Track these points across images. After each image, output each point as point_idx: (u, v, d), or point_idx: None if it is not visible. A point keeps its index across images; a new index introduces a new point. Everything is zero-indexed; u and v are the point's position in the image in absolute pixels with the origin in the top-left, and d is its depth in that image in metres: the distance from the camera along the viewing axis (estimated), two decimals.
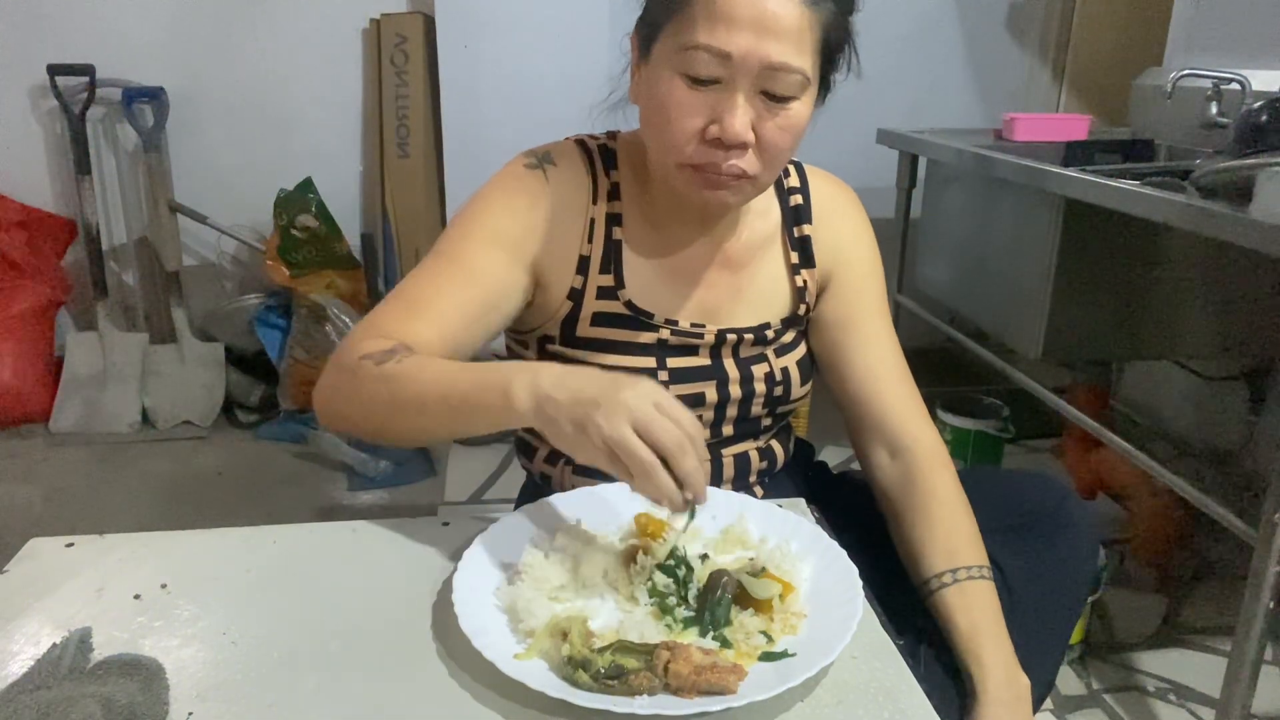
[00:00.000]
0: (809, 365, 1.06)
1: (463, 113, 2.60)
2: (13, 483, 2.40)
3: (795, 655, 0.71)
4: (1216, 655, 1.76)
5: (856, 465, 1.09)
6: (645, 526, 0.84)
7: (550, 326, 0.98)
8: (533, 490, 1.08)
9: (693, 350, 0.99)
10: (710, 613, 0.74)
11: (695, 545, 0.85)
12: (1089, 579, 1.05)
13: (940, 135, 2.09)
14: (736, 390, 1.00)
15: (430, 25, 2.64)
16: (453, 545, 0.86)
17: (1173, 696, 1.67)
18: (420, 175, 2.74)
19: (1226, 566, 2.02)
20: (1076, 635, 1.72)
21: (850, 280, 1.05)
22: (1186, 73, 1.85)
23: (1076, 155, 1.89)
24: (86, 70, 2.60)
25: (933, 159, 2.10)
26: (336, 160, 2.82)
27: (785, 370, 1.02)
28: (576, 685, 0.66)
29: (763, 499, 0.93)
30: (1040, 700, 0.98)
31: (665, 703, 0.65)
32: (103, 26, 2.63)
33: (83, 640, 0.72)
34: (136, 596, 0.79)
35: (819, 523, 0.91)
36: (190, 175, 2.78)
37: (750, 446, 1.05)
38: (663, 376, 0.97)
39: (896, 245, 2.25)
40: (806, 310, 1.04)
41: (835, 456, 2.18)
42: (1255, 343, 1.72)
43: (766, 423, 1.05)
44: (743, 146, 0.85)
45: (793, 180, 1.05)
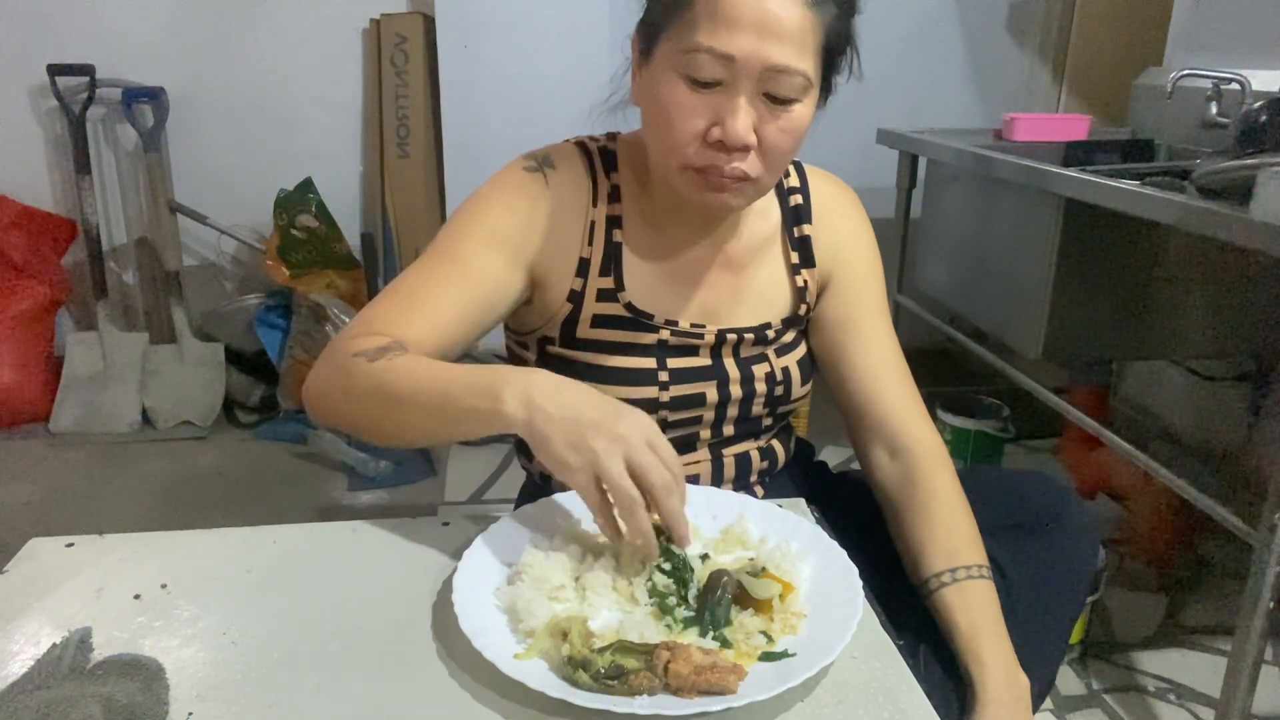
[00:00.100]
0: (809, 365, 1.06)
1: (463, 113, 2.61)
2: (13, 483, 2.40)
3: (795, 655, 0.71)
4: (1216, 655, 1.76)
5: (856, 465, 1.09)
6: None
7: (550, 328, 0.98)
8: (533, 490, 1.08)
9: (693, 351, 0.99)
10: (710, 613, 0.74)
11: (695, 545, 0.84)
12: (1089, 579, 1.05)
13: (940, 135, 2.09)
14: (737, 390, 1.00)
15: (430, 25, 2.64)
16: (453, 545, 0.86)
17: (1173, 696, 1.67)
18: (420, 175, 2.74)
19: (1226, 566, 2.02)
20: (1076, 635, 1.72)
21: (850, 280, 1.05)
22: (1186, 73, 1.85)
23: (1076, 155, 1.89)
24: (86, 70, 2.60)
25: (933, 159, 2.10)
26: (336, 160, 2.82)
27: (786, 370, 1.02)
28: (576, 685, 0.66)
29: (763, 499, 0.93)
30: (1040, 700, 0.98)
31: (665, 703, 0.65)
32: (103, 26, 2.63)
33: (83, 640, 0.72)
34: (136, 596, 0.79)
35: (819, 523, 0.91)
36: (190, 175, 2.78)
37: (751, 446, 1.05)
38: (663, 377, 0.97)
39: (896, 245, 2.25)
40: (807, 310, 1.04)
41: (835, 456, 2.19)
42: (1255, 343, 1.72)
43: (767, 423, 1.05)
44: (745, 149, 0.85)
45: (793, 180, 1.05)
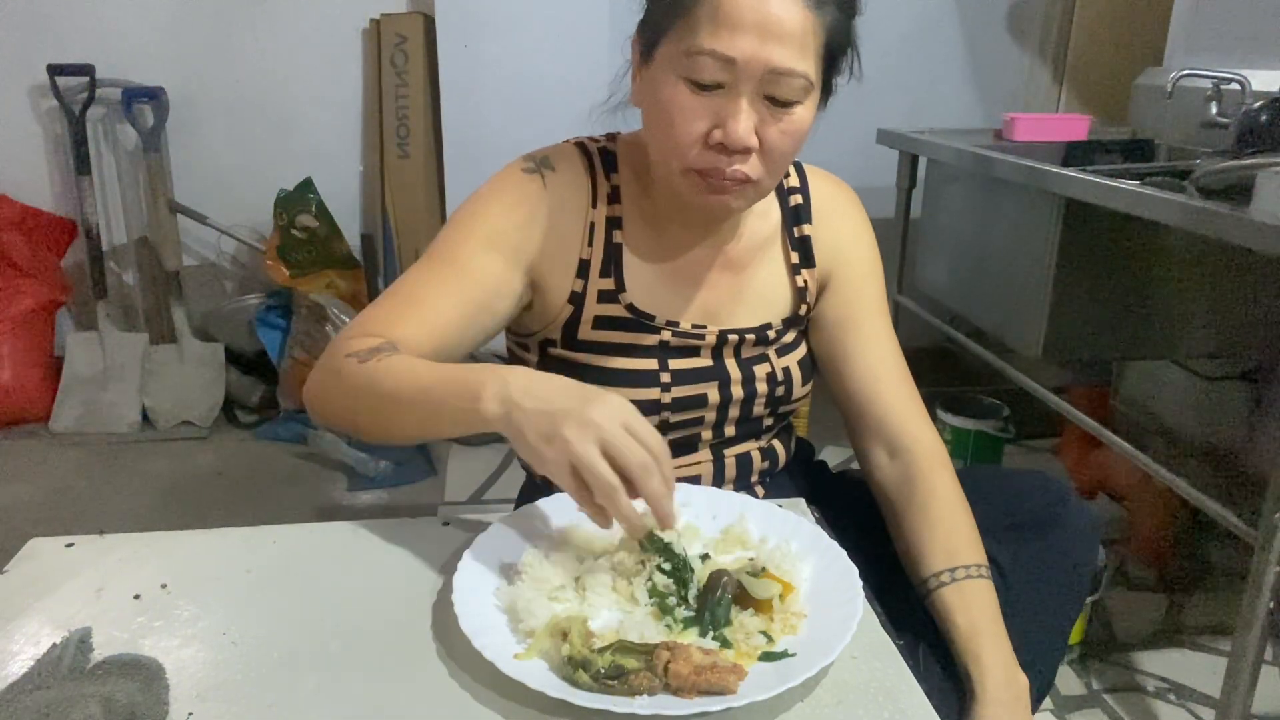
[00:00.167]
0: (810, 365, 1.06)
1: (463, 113, 2.60)
2: (13, 483, 2.40)
3: (795, 655, 0.71)
4: (1216, 655, 1.76)
5: (856, 465, 1.09)
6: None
7: (551, 330, 0.98)
8: (533, 490, 1.08)
9: (694, 351, 0.99)
10: (710, 613, 0.74)
11: (695, 545, 0.84)
12: (1089, 579, 1.05)
13: (940, 135, 2.09)
14: (738, 390, 1.00)
15: (430, 25, 2.64)
16: (453, 545, 0.86)
17: (1173, 696, 1.67)
18: (420, 175, 2.74)
19: (1226, 566, 2.02)
20: (1076, 635, 1.72)
21: (850, 280, 1.05)
22: (1186, 73, 1.85)
23: (1076, 155, 1.89)
24: (86, 70, 2.60)
25: (933, 159, 2.10)
26: (336, 160, 2.82)
27: (787, 370, 1.02)
28: (576, 685, 0.66)
29: (763, 499, 0.93)
30: (1039, 700, 0.98)
31: (665, 703, 0.65)
32: (103, 26, 2.63)
33: (83, 640, 0.72)
34: (136, 596, 0.79)
35: (819, 523, 0.91)
36: (190, 175, 2.78)
37: (752, 446, 1.05)
38: (665, 378, 0.97)
39: (896, 245, 2.25)
40: (807, 310, 1.04)
41: (835, 456, 2.19)
42: (1255, 343, 1.72)
43: (768, 423, 1.05)
44: (746, 151, 0.85)
45: (792, 180, 1.05)
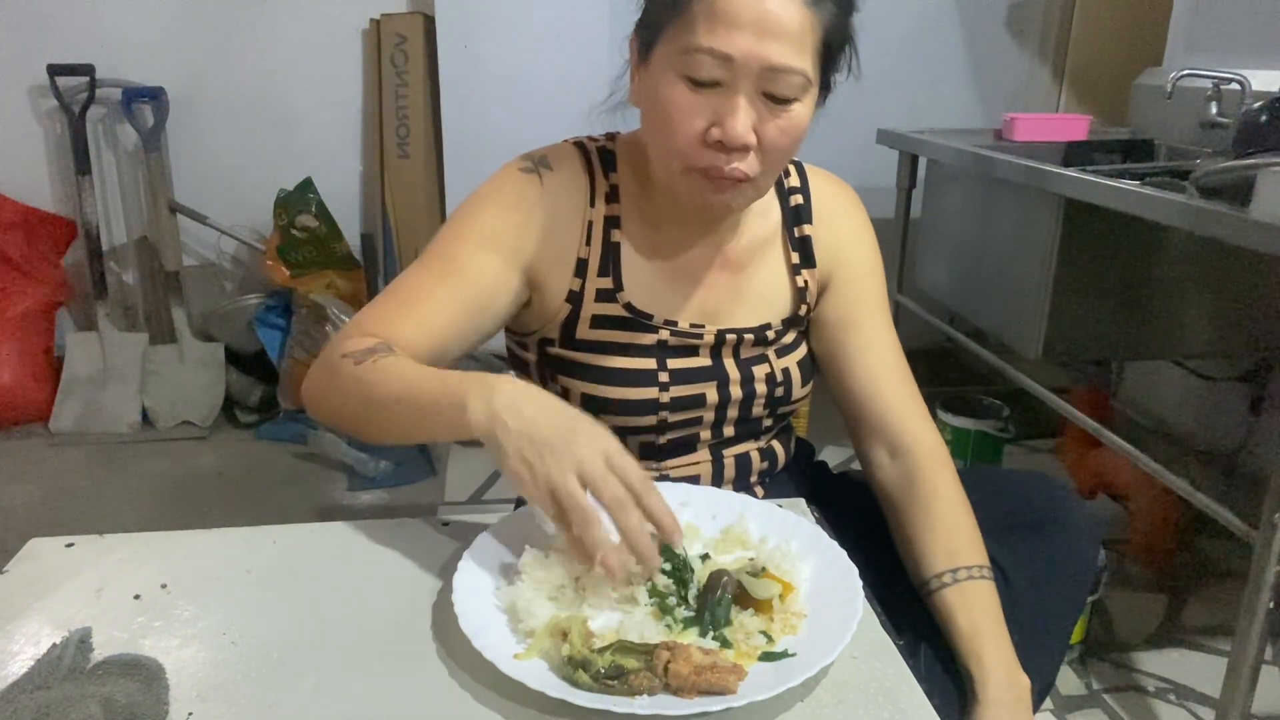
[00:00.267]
0: (810, 366, 1.06)
1: (463, 113, 2.60)
2: (13, 483, 2.40)
3: (795, 655, 0.71)
4: (1216, 655, 1.76)
5: (856, 465, 1.09)
6: None
7: (550, 329, 0.98)
8: None
9: (693, 351, 0.99)
10: (710, 613, 0.74)
11: (695, 545, 0.84)
12: (1089, 579, 1.05)
13: (940, 135, 2.09)
14: (737, 391, 1.00)
15: (430, 25, 2.64)
16: (453, 545, 0.86)
17: (1173, 696, 1.67)
18: (420, 175, 2.74)
19: (1226, 566, 2.02)
20: (1076, 635, 1.72)
21: (851, 280, 1.04)
22: (1186, 73, 1.85)
23: (1076, 155, 1.89)
24: (86, 70, 2.60)
25: (933, 159, 2.10)
26: (336, 160, 2.82)
27: (786, 371, 1.02)
28: (576, 685, 0.66)
29: (763, 499, 0.93)
30: (1040, 700, 0.98)
31: (665, 703, 0.65)
32: (103, 26, 2.63)
33: (83, 640, 0.72)
34: (136, 596, 0.79)
35: (819, 523, 0.91)
36: (190, 175, 2.78)
37: (751, 447, 1.05)
38: (663, 378, 0.97)
39: (896, 245, 2.25)
40: (807, 310, 1.04)
41: (835, 456, 2.19)
42: (1255, 343, 1.72)
43: (768, 423, 1.05)
44: (744, 149, 0.85)
45: (793, 180, 1.05)
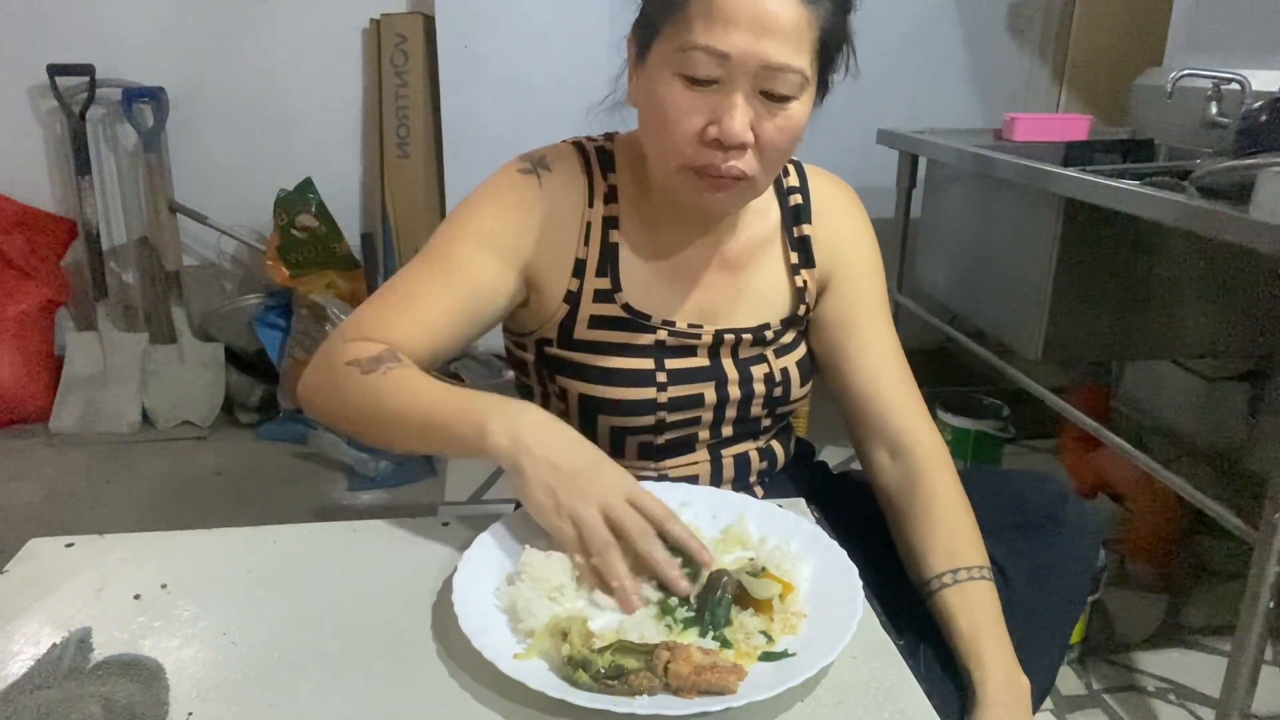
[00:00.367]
0: (809, 366, 1.06)
1: (463, 113, 2.60)
2: (13, 483, 2.40)
3: (795, 655, 0.71)
4: (1216, 655, 1.76)
5: (857, 465, 1.09)
6: None
7: (548, 330, 0.98)
8: None
9: (691, 351, 0.99)
10: (710, 613, 0.74)
11: None
12: (1089, 579, 1.05)
13: (940, 135, 2.09)
14: (735, 391, 1.00)
15: (430, 25, 2.64)
16: (453, 545, 0.86)
17: (1173, 696, 1.67)
18: (420, 175, 2.74)
19: (1226, 566, 2.02)
20: (1076, 635, 1.72)
21: (850, 280, 1.04)
22: (1186, 73, 1.85)
23: (1076, 155, 1.89)
24: (86, 70, 2.60)
25: (933, 159, 2.10)
26: (336, 160, 2.82)
27: (785, 371, 1.02)
28: (576, 685, 0.66)
29: (763, 499, 0.93)
30: (1040, 701, 0.97)
31: (665, 703, 0.65)
32: (103, 26, 2.63)
33: (83, 640, 0.72)
34: (136, 596, 0.79)
35: (819, 523, 0.91)
36: (190, 175, 2.78)
37: (750, 447, 1.05)
38: (661, 378, 0.97)
39: (896, 245, 2.25)
40: (806, 310, 1.04)
41: (835, 456, 2.19)
42: (1255, 343, 1.72)
43: (766, 423, 1.05)
44: (742, 147, 0.85)
45: (792, 180, 1.05)
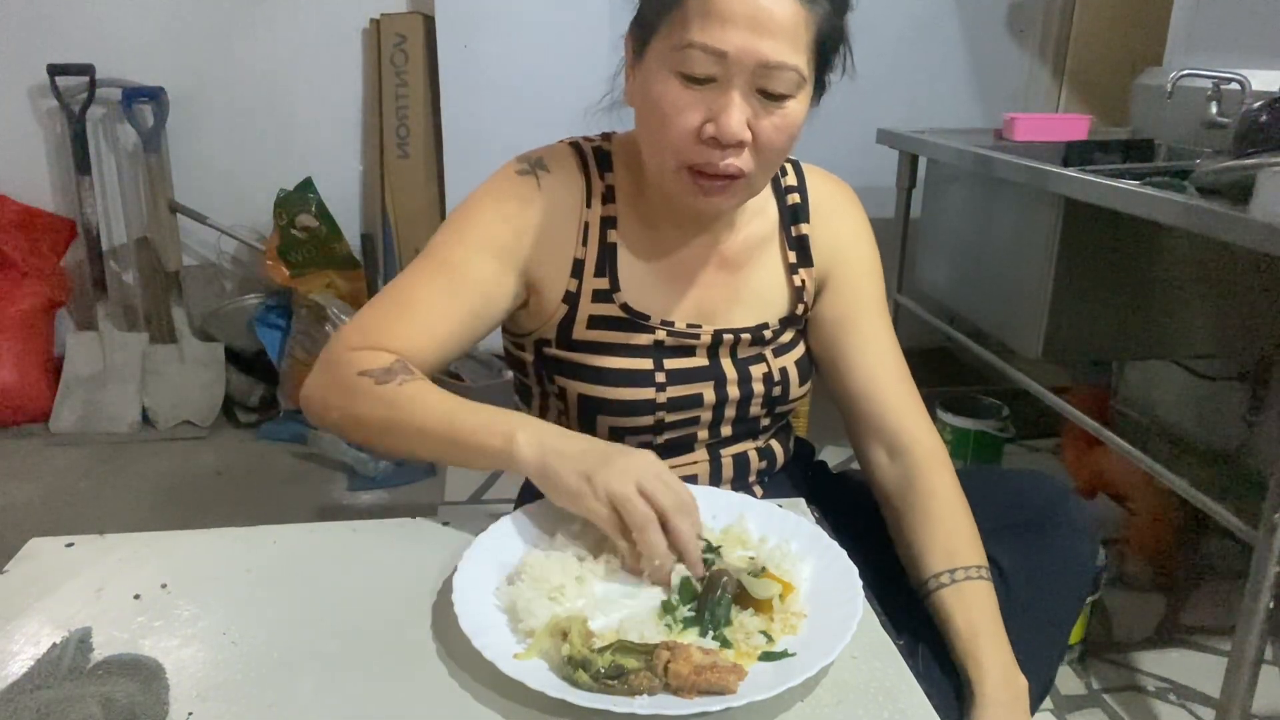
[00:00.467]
0: (808, 365, 1.06)
1: (463, 113, 2.60)
2: (13, 483, 2.40)
3: (795, 655, 0.71)
4: (1216, 655, 1.76)
5: (856, 465, 1.09)
6: None
7: (546, 330, 0.98)
8: (533, 490, 1.07)
9: (689, 351, 0.99)
10: (710, 613, 0.74)
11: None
12: (1089, 579, 1.05)
13: (940, 135, 2.09)
14: (734, 390, 1.00)
15: (430, 25, 2.64)
16: (453, 545, 0.86)
17: (1173, 696, 1.67)
18: (420, 175, 2.74)
19: (1226, 566, 2.02)
20: (1076, 635, 1.72)
21: (849, 279, 1.04)
22: (1186, 73, 1.85)
23: (1076, 155, 1.89)
24: (86, 70, 2.60)
25: (933, 159, 2.10)
26: (336, 160, 2.82)
27: (784, 370, 1.02)
28: (576, 685, 0.66)
29: (762, 499, 0.93)
30: (1039, 700, 0.98)
31: (665, 703, 0.65)
32: (103, 26, 2.63)
33: (83, 640, 0.72)
34: (136, 596, 0.79)
35: (819, 523, 0.91)
36: (190, 175, 2.78)
37: (749, 446, 1.05)
38: (660, 378, 0.97)
39: (896, 245, 2.25)
40: (805, 310, 1.04)
41: (835, 456, 2.19)
42: (1255, 343, 1.72)
43: (765, 423, 1.05)
44: (739, 145, 0.85)
45: (790, 179, 1.05)
